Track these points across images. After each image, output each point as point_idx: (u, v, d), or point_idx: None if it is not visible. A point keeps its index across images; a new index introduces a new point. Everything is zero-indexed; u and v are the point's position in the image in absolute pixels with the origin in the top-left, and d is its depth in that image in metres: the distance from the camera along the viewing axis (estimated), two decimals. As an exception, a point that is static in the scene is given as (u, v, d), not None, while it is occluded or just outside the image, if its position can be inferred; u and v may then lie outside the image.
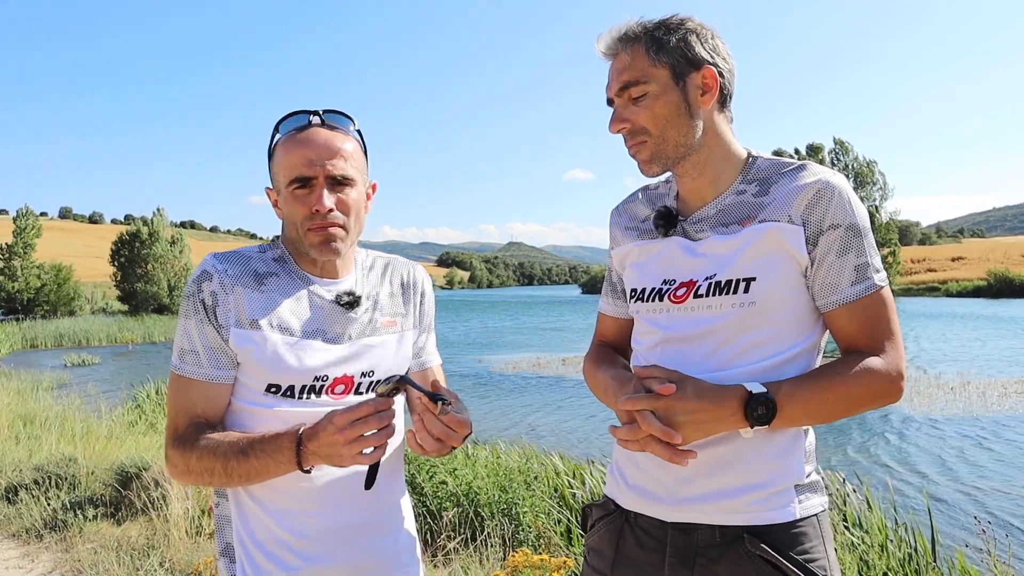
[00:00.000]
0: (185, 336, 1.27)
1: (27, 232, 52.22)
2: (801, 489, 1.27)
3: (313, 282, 1.33)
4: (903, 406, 11.17)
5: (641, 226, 1.43)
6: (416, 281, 1.47)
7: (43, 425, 8.13)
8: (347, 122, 1.33)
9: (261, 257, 1.33)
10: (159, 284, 50.91)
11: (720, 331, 1.27)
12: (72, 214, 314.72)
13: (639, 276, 1.40)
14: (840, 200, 1.24)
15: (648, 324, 1.37)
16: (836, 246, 1.24)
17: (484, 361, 20.03)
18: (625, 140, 1.32)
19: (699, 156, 1.31)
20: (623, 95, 1.29)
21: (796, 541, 1.24)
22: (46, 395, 11.41)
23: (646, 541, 1.33)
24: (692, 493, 1.27)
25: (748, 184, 1.31)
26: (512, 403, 12.63)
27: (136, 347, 28.30)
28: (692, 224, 1.33)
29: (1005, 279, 53.19)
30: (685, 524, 1.28)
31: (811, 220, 1.25)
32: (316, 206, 1.25)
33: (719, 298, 1.27)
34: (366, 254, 1.45)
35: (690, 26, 1.28)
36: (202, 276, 1.26)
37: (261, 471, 1.20)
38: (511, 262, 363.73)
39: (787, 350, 1.26)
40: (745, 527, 1.24)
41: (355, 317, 1.34)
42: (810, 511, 1.27)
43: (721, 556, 1.25)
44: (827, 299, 1.26)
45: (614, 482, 1.43)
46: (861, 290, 1.24)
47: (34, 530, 4.57)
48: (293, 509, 1.27)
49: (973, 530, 4.08)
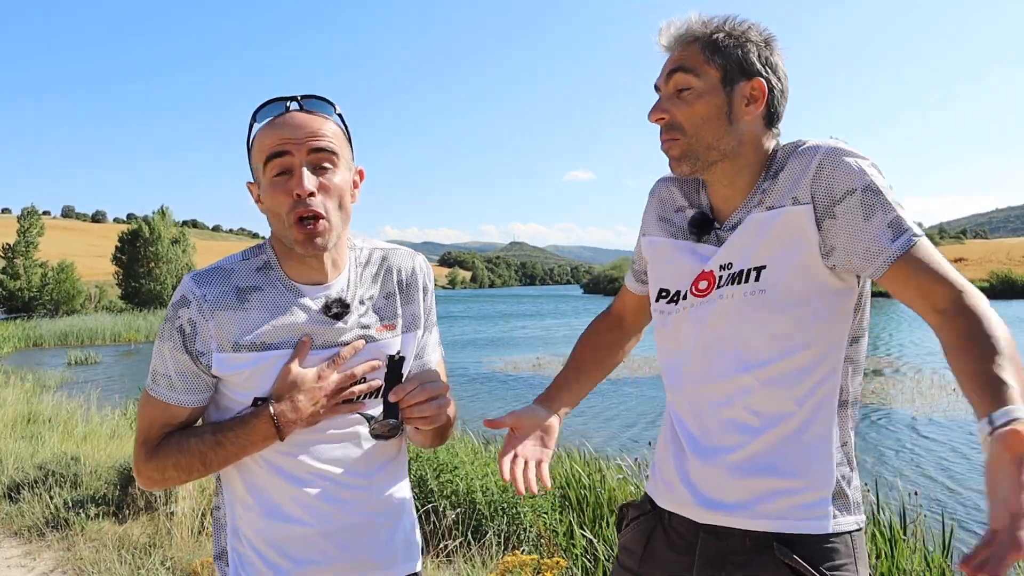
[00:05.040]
0: (159, 358, 1.25)
1: (30, 231, 52.41)
2: (837, 499, 1.23)
3: (300, 292, 1.26)
4: (904, 407, 11.15)
5: (675, 220, 1.40)
6: (416, 275, 1.39)
7: (46, 423, 8.15)
8: (327, 107, 1.26)
9: (244, 268, 1.26)
10: (162, 283, 50.99)
11: (739, 323, 1.24)
12: (75, 213, 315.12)
13: (667, 277, 1.38)
14: (846, 165, 1.18)
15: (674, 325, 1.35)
16: (860, 211, 1.17)
17: (484, 361, 20.04)
18: (660, 133, 1.30)
19: (733, 165, 1.28)
20: (669, 82, 1.28)
21: (827, 556, 1.19)
22: (49, 393, 11.43)
23: (677, 542, 1.31)
24: (725, 497, 1.25)
25: (768, 179, 1.28)
26: (515, 403, 12.64)
27: (139, 346, 28.32)
28: (727, 231, 1.30)
29: (1008, 280, 53.09)
30: (716, 528, 1.26)
31: (820, 194, 1.19)
32: (297, 190, 1.18)
33: (732, 288, 1.25)
34: (362, 247, 1.36)
35: (752, 35, 1.26)
36: (180, 302, 1.22)
37: (239, 453, 1.22)
38: (513, 262, 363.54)
39: (807, 343, 1.21)
40: (776, 535, 1.21)
41: (344, 327, 1.27)
42: (844, 528, 1.22)
43: (750, 562, 1.22)
44: (873, 264, 1.17)
45: (654, 481, 1.41)
46: (904, 243, 1.15)
47: (36, 528, 4.57)
48: (289, 513, 1.25)
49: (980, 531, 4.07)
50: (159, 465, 1.24)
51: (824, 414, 1.23)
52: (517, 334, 30.99)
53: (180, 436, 1.25)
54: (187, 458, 1.23)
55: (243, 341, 1.22)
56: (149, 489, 1.31)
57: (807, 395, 1.22)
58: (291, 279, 1.27)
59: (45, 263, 52.29)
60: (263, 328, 1.22)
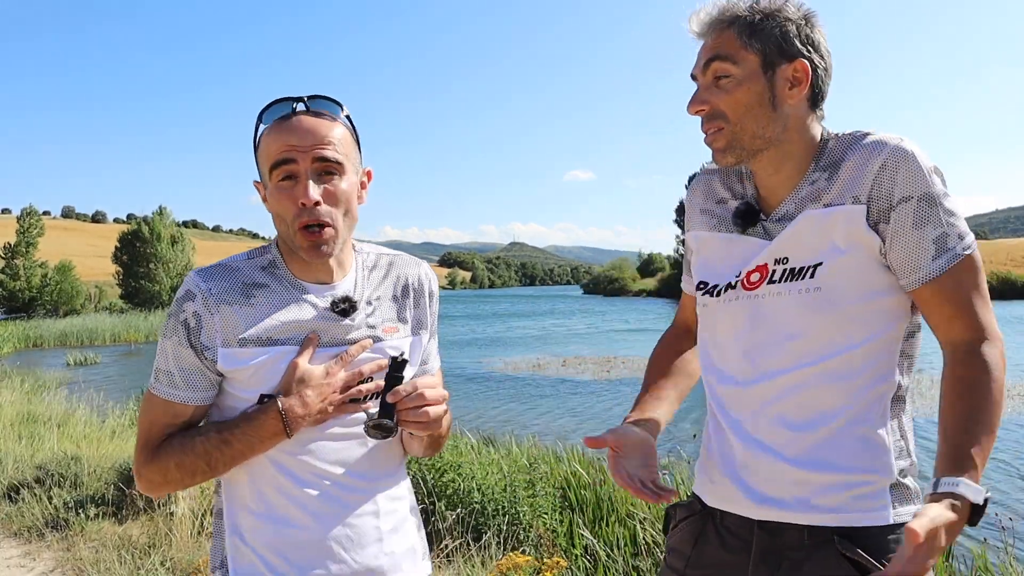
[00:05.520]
0: (162, 355, 1.23)
1: (30, 231, 52.45)
2: (896, 491, 1.20)
3: (307, 290, 1.26)
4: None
5: (717, 211, 1.36)
6: (422, 283, 1.39)
7: (46, 424, 8.15)
8: (335, 108, 1.25)
9: (249, 266, 1.26)
10: (161, 283, 51.00)
11: (792, 322, 1.22)
12: (75, 213, 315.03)
13: (711, 270, 1.34)
14: (909, 169, 1.16)
15: (718, 317, 1.31)
16: (910, 220, 1.16)
17: (484, 361, 20.03)
18: (701, 124, 1.26)
19: (778, 152, 1.24)
20: (707, 72, 1.23)
21: (889, 548, 1.16)
22: (49, 394, 11.43)
23: (731, 541, 1.28)
24: (782, 492, 1.22)
25: (822, 171, 1.23)
26: (513, 403, 12.69)
27: (139, 346, 28.32)
28: (774, 222, 1.27)
29: (1008, 281, 53.07)
30: (772, 523, 1.23)
31: (879, 195, 1.17)
32: (302, 199, 1.17)
33: (787, 284, 1.23)
34: (369, 251, 1.37)
35: (789, 13, 1.20)
36: (185, 296, 1.21)
37: (246, 452, 1.19)
38: (513, 262, 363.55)
39: (864, 340, 1.19)
40: (835, 528, 1.18)
41: (352, 324, 1.27)
42: (904, 518, 1.19)
43: (808, 558, 1.19)
44: (909, 278, 1.18)
45: (701, 480, 1.37)
46: (943, 264, 1.15)
47: (36, 529, 4.57)
48: (291, 517, 1.22)
49: (983, 532, 4.08)
50: (160, 467, 1.21)
51: (880, 408, 1.21)
52: (516, 334, 30.99)
53: (183, 436, 1.22)
54: (191, 458, 1.19)
55: (249, 336, 1.21)
56: (150, 494, 1.26)
57: (863, 389, 1.20)
58: (297, 278, 1.27)
59: (45, 263, 52.32)
60: (269, 323, 1.22)
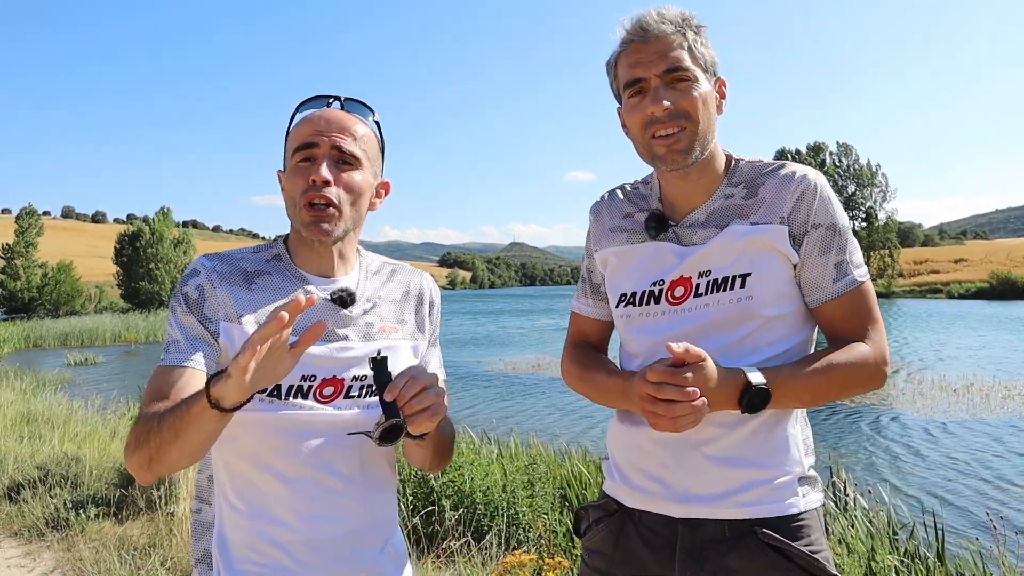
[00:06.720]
0: (169, 329, 1.25)
1: (29, 231, 52.45)
2: (803, 482, 1.31)
3: (308, 280, 1.30)
4: (906, 408, 11.15)
5: (627, 225, 1.42)
6: (425, 292, 1.43)
7: (46, 424, 8.15)
8: (366, 111, 1.33)
9: (253, 258, 1.31)
10: (162, 284, 51.03)
11: (720, 329, 1.28)
12: (75, 213, 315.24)
13: (628, 280, 1.39)
14: (822, 200, 1.29)
15: (644, 329, 1.36)
16: (819, 245, 1.29)
17: (483, 361, 20.04)
18: (649, 127, 1.27)
19: (707, 160, 1.32)
20: (667, 76, 1.26)
21: (802, 533, 1.27)
22: (49, 394, 11.43)
23: (653, 539, 1.33)
24: (703, 489, 1.29)
25: (735, 187, 1.34)
26: (513, 403, 12.69)
27: (139, 346, 28.32)
28: (684, 228, 1.34)
29: (1008, 281, 53.07)
30: (694, 520, 1.29)
31: (796, 220, 1.29)
32: (313, 175, 1.22)
33: (717, 295, 1.29)
34: (372, 258, 1.41)
35: (706, 33, 1.31)
36: (191, 274, 1.26)
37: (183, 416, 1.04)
38: (513, 263, 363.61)
39: (783, 345, 1.30)
40: (754, 520, 1.27)
41: (350, 316, 1.29)
42: (812, 504, 1.31)
43: (731, 549, 1.26)
44: (812, 296, 1.31)
45: (614, 481, 1.42)
46: (842, 287, 1.29)
47: (36, 529, 4.57)
48: (276, 516, 1.22)
49: (979, 532, 4.08)
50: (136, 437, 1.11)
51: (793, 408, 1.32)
52: (516, 334, 31.00)
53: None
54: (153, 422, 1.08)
55: (246, 316, 1.24)
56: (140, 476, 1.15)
57: None
58: (300, 269, 1.31)
59: (45, 263, 52.33)
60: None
